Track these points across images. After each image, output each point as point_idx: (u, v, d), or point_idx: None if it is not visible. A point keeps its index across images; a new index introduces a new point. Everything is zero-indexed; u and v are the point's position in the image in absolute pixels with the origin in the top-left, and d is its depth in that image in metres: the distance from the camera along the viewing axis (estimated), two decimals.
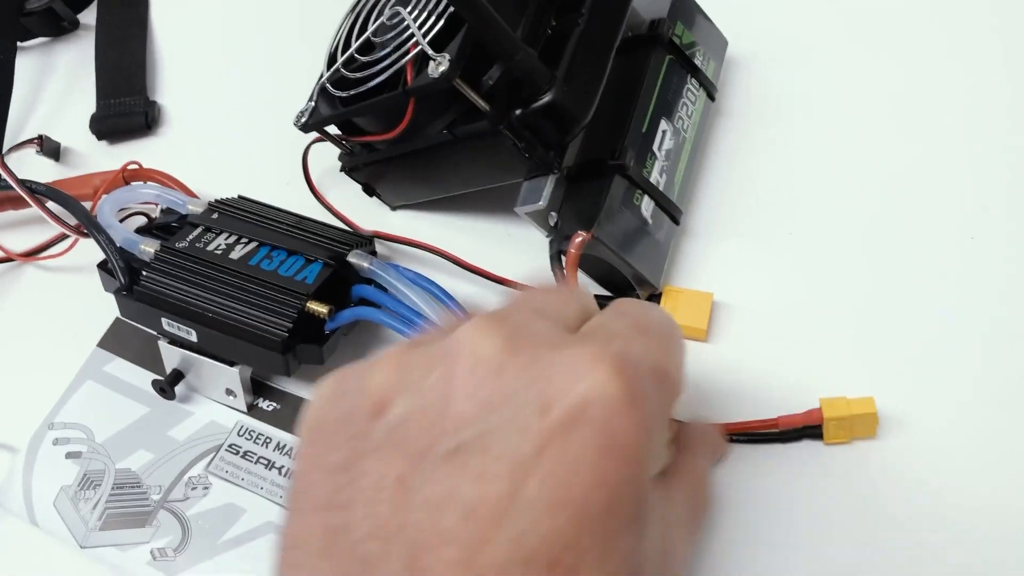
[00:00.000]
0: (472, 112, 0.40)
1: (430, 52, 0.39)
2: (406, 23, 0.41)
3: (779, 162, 0.48)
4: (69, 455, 0.44)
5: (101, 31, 0.56)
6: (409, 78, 0.40)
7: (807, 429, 0.39)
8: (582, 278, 0.44)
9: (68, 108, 0.56)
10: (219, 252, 0.43)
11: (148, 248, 0.43)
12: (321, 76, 0.45)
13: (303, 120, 0.45)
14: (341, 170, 0.49)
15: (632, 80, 0.45)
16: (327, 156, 0.50)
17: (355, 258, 0.43)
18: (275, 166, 0.52)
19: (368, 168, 0.48)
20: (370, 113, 0.44)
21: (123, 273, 0.43)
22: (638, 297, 0.44)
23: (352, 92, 0.43)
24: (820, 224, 0.45)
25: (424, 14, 0.40)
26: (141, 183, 0.48)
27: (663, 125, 0.45)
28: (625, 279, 0.43)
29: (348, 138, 0.47)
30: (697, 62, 0.48)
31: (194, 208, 0.46)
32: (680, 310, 0.43)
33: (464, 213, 0.49)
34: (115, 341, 0.47)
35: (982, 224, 0.44)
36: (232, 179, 0.50)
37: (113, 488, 0.43)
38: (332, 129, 0.47)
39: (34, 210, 0.47)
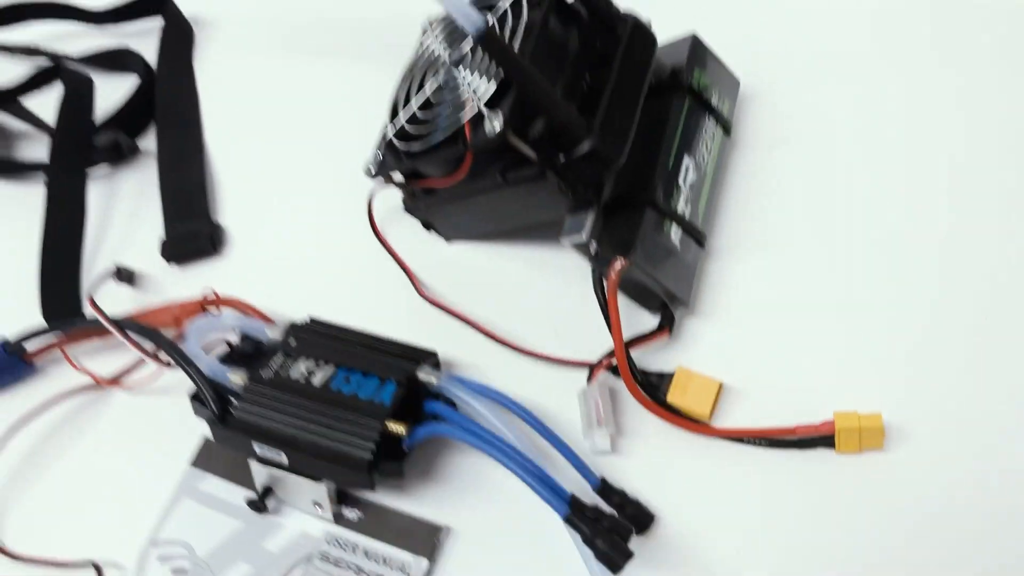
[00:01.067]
0: (521, 159, 0.46)
1: (486, 112, 0.44)
2: (462, 87, 0.46)
3: (790, 186, 0.54)
4: (175, 571, 0.48)
5: (162, 157, 0.60)
6: (468, 135, 0.45)
7: (821, 438, 0.46)
8: (621, 298, 0.49)
9: (136, 233, 0.60)
10: (302, 380, 0.47)
11: (237, 379, 0.47)
12: (385, 130, 0.50)
13: (373, 169, 0.51)
14: (404, 210, 0.55)
15: (657, 123, 0.51)
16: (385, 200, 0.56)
17: (424, 375, 0.47)
18: (333, 271, 0.56)
19: (428, 208, 0.53)
20: (433, 163, 0.49)
21: (215, 404, 0.47)
22: (672, 313, 0.49)
23: (415, 144, 0.48)
24: (830, 243, 0.52)
25: (478, 77, 0.46)
26: (220, 312, 0.52)
27: (686, 161, 0.51)
28: (659, 297, 0.49)
29: (410, 183, 0.52)
30: (713, 102, 0.54)
31: (272, 335, 0.50)
32: (690, 394, 0.48)
33: (512, 242, 0.55)
34: (206, 459, 0.51)
35: (984, 245, 0.50)
36: (294, 290, 0.55)
37: None
38: (396, 175, 0.52)
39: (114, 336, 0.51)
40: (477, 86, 0.46)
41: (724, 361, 0.49)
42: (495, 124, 0.44)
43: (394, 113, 0.52)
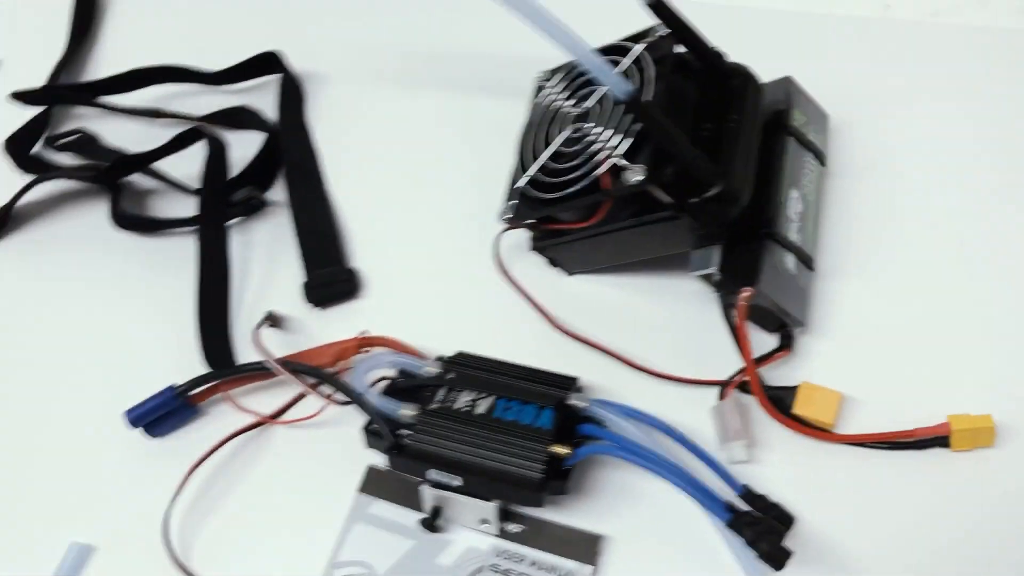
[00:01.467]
0: (654, 202, 0.51)
1: (625, 164, 0.49)
2: (595, 140, 0.52)
3: (884, 207, 0.60)
4: None
5: (295, 208, 0.65)
6: (608, 184, 0.51)
7: (937, 439, 0.51)
8: None
9: (273, 280, 0.65)
10: (466, 409, 0.52)
11: (407, 412, 0.52)
12: (516, 179, 0.56)
13: (508, 216, 0.56)
14: (531, 249, 0.60)
15: (767, 160, 0.56)
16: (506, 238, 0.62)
17: (575, 400, 0.52)
18: (462, 306, 0.62)
19: (557, 247, 0.58)
20: (568, 209, 0.54)
21: (391, 435, 0.52)
22: (790, 333, 0.54)
23: (550, 193, 0.53)
24: (927, 257, 0.58)
25: (610, 130, 0.51)
26: (371, 350, 0.57)
27: (793, 193, 0.56)
28: (777, 318, 0.54)
29: (543, 226, 0.57)
30: (811, 138, 0.59)
31: (430, 369, 0.55)
32: (814, 405, 0.53)
33: (630, 272, 0.60)
34: (372, 486, 0.56)
35: None
36: (429, 326, 0.60)
37: None
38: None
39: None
40: (612, 140, 0.51)
41: (840, 373, 0.54)
42: (637, 175, 0.49)
43: (522, 163, 0.57)
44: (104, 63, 0.78)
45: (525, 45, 0.69)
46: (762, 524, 0.47)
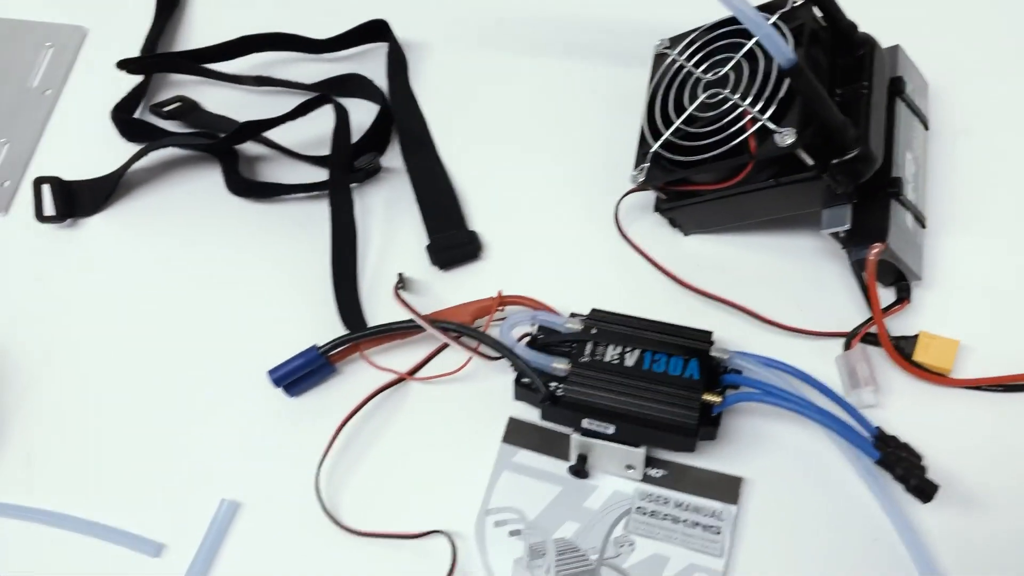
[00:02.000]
0: (794, 163, 0.54)
1: (773, 127, 0.52)
2: (736, 105, 0.54)
3: (983, 168, 0.64)
4: (511, 533, 0.56)
5: (413, 174, 0.67)
6: (753, 146, 0.54)
7: None
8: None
9: (396, 242, 0.67)
10: (616, 361, 0.55)
11: (559, 365, 0.55)
12: (643, 144, 0.59)
13: (640, 180, 0.59)
14: (655, 210, 0.64)
15: (888, 126, 0.58)
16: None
17: (716, 352, 0.56)
18: (584, 264, 0.64)
19: (684, 208, 0.61)
20: (706, 171, 0.57)
21: (544, 387, 0.55)
22: (908, 286, 0.59)
23: (687, 156, 0.56)
24: None
25: (752, 96, 0.54)
26: (516, 308, 0.60)
27: (908, 155, 0.59)
28: (896, 272, 0.58)
29: (674, 188, 0.60)
30: (918, 103, 0.62)
31: (571, 326, 0.58)
32: (932, 352, 0.57)
33: (745, 232, 0.64)
34: (515, 436, 0.59)
35: None
36: (551, 285, 0.62)
37: (557, 554, 0.55)
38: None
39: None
40: (757, 104, 0.54)
41: (953, 322, 0.58)
42: (786, 138, 0.52)
43: (651, 128, 0.59)
44: (194, 32, 0.79)
45: (639, 11, 0.72)
46: (906, 460, 0.51)
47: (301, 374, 0.60)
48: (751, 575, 0.54)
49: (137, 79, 0.74)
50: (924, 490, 0.50)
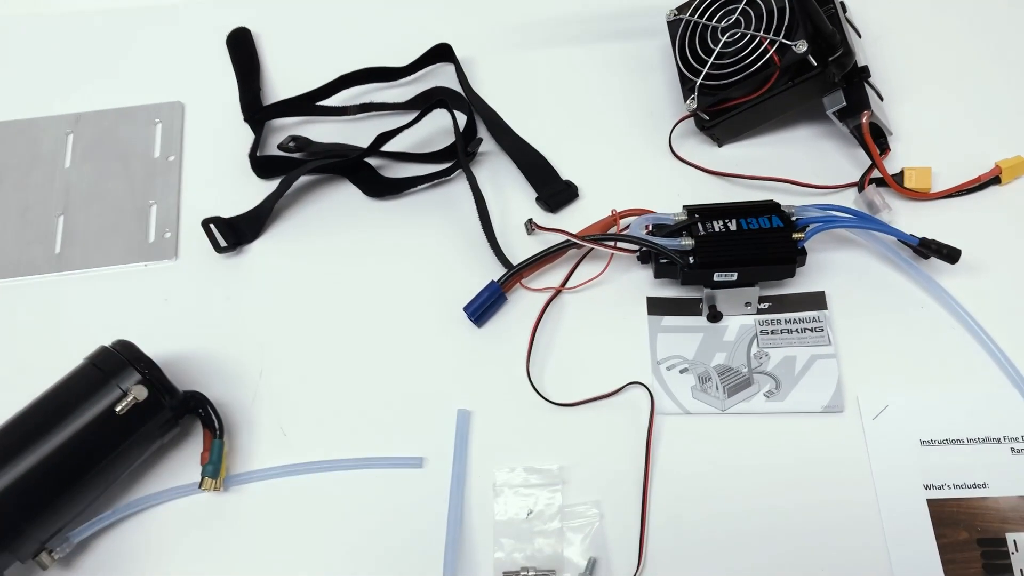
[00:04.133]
0: (802, 66, 0.77)
1: (789, 43, 0.76)
2: (754, 35, 0.78)
3: (904, 55, 0.89)
4: (681, 371, 0.76)
5: (510, 151, 0.86)
6: (776, 59, 0.77)
7: (991, 180, 0.82)
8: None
9: (508, 204, 0.86)
10: (723, 230, 0.77)
11: (686, 242, 0.76)
12: (687, 81, 0.83)
13: (694, 107, 0.82)
14: (698, 128, 0.86)
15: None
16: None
17: (785, 207, 0.78)
18: (653, 185, 0.86)
19: (723, 123, 0.84)
20: (742, 87, 0.80)
21: (681, 257, 0.75)
22: (886, 139, 0.83)
23: (724, 80, 0.80)
24: (972, 65, 0.87)
25: (764, 25, 0.78)
26: (631, 217, 0.80)
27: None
28: (877, 129, 0.81)
29: (716, 107, 0.82)
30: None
31: (680, 217, 0.79)
32: (915, 179, 0.82)
33: (764, 134, 0.87)
34: (656, 308, 0.79)
35: None
36: (631, 201, 0.82)
37: (720, 375, 0.76)
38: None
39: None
40: (772, 30, 0.77)
41: (920, 157, 0.84)
42: (801, 47, 0.75)
43: (687, 71, 0.82)
44: (275, 85, 0.95)
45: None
46: (935, 243, 0.75)
47: (487, 305, 0.78)
48: (853, 352, 0.76)
49: (241, 133, 0.89)
50: (952, 255, 0.74)
